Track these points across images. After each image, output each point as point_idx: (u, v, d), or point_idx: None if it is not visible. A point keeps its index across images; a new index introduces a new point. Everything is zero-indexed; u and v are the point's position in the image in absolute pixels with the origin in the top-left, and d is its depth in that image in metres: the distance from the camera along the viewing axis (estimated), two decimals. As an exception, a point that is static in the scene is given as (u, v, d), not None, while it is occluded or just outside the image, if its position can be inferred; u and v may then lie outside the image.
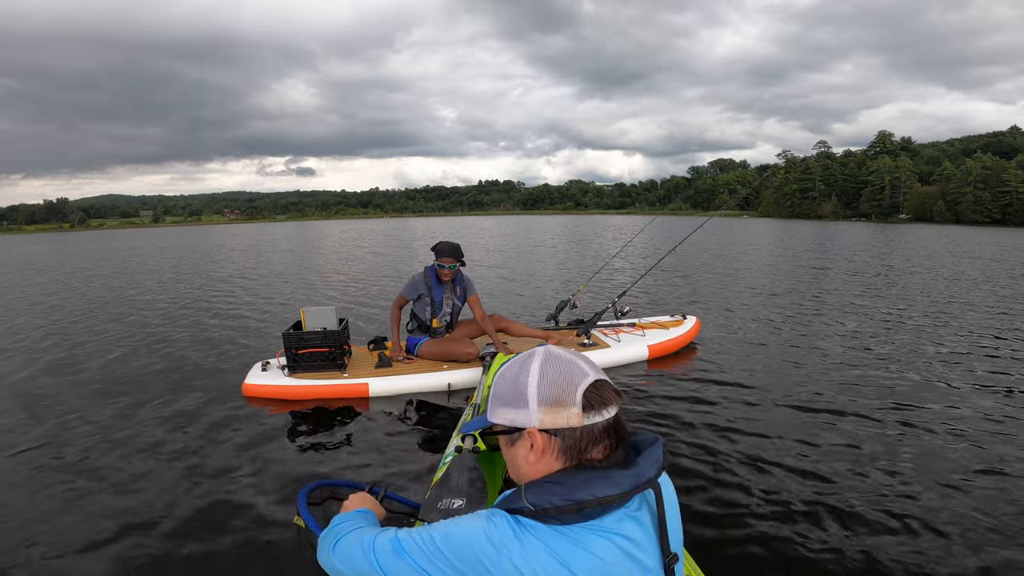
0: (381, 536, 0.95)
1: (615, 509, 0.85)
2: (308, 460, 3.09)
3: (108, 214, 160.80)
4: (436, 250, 4.38)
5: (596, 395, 0.88)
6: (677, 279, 10.76)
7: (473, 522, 0.86)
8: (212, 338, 6.25)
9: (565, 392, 0.87)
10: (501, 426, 0.94)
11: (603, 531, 0.83)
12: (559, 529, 0.82)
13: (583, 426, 0.87)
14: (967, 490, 2.65)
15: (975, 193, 59.17)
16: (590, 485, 0.82)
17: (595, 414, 0.87)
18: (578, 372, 0.89)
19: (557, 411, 0.87)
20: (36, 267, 17.91)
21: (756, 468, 2.90)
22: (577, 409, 0.86)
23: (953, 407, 3.73)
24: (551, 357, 0.92)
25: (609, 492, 0.82)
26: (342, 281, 11.66)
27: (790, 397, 3.98)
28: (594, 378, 0.89)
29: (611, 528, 0.83)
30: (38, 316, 8.17)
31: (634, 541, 0.85)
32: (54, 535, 2.40)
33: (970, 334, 5.87)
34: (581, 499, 0.81)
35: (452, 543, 0.85)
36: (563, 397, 0.87)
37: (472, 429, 1.02)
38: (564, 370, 0.89)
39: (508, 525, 0.83)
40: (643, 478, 0.85)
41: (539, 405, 0.88)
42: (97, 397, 4.23)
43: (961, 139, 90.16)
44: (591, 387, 0.88)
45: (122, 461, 3.10)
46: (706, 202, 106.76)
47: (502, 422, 0.93)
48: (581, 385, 0.87)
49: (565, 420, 0.87)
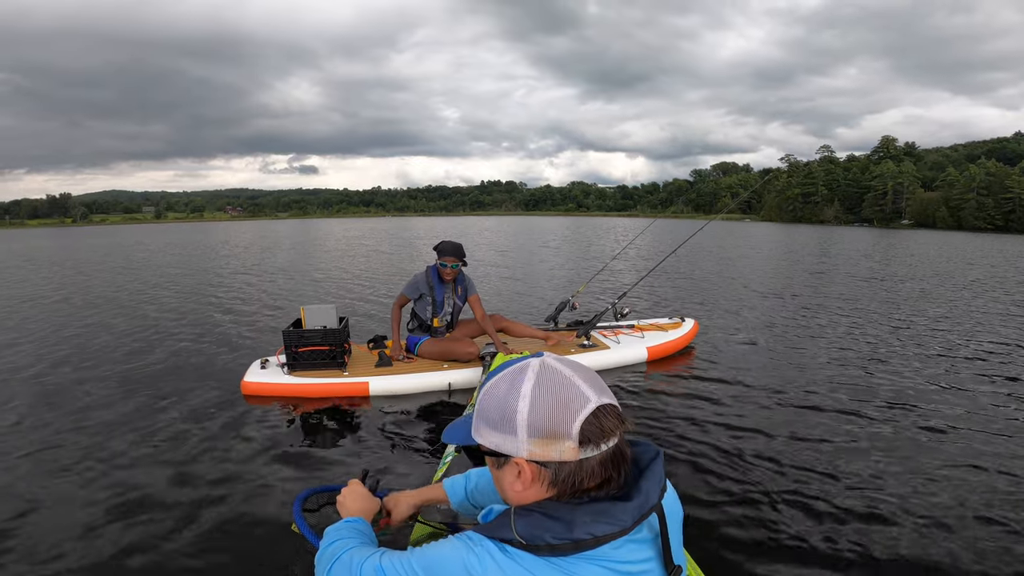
0: (367, 564, 0.90)
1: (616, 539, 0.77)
2: (307, 459, 3.08)
3: (111, 209, 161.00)
4: (438, 249, 4.39)
5: (596, 427, 0.77)
6: (679, 281, 10.76)
7: (454, 552, 0.80)
8: (212, 335, 6.25)
9: (560, 423, 0.77)
10: (486, 447, 0.85)
11: (600, 559, 0.76)
12: (551, 560, 0.76)
13: (579, 460, 0.77)
14: (972, 489, 2.65)
15: (978, 199, 59.15)
16: (587, 524, 0.75)
17: (593, 448, 0.77)
18: (577, 398, 0.78)
19: (549, 444, 0.77)
20: (37, 261, 17.94)
21: (755, 469, 2.90)
22: (573, 443, 0.76)
23: (952, 408, 3.74)
24: (547, 377, 0.80)
25: (609, 531, 0.75)
26: (342, 279, 11.66)
27: (788, 399, 3.98)
28: (595, 405, 0.78)
29: (609, 555, 0.77)
30: (41, 310, 8.18)
31: (634, 564, 0.79)
32: (47, 531, 2.39)
33: (970, 339, 5.86)
34: (578, 539, 0.74)
35: (432, 573, 0.81)
36: (557, 429, 0.77)
37: (453, 441, 0.93)
38: (560, 397, 0.78)
39: (490, 557, 0.77)
40: (646, 507, 0.78)
41: (529, 436, 0.78)
42: (94, 393, 4.22)
43: (965, 144, 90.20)
44: (591, 417, 0.77)
45: (117, 459, 3.08)
46: (708, 205, 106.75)
47: (487, 444, 0.84)
48: (580, 415, 0.77)
49: (558, 454, 0.77)
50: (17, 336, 6.36)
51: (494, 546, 0.78)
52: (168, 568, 2.15)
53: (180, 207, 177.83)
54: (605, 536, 0.75)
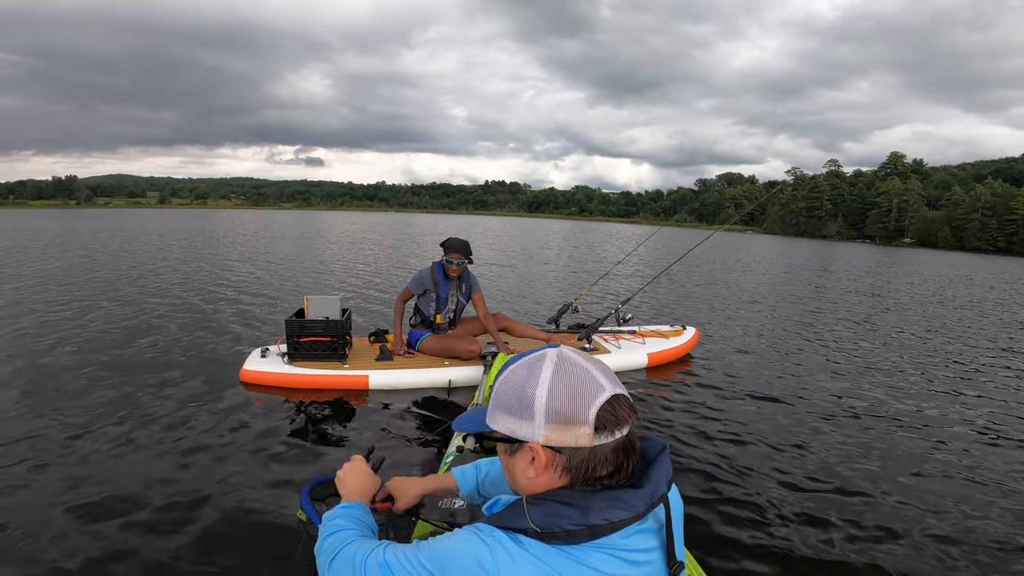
0: (371, 559, 0.89)
1: (622, 528, 0.79)
2: (304, 450, 3.07)
3: (115, 193, 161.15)
4: (446, 246, 4.39)
5: (611, 414, 0.80)
6: (681, 290, 10.77)
7: (464, 544, 0.79)
8: (213, 322, 6.24)
9: (577, 409, 0.79)
10: (500, 433, 0.86)
11: (608, 548, 0.78)
12: (563, 549, 0.77)
13: (593, 446, 0.80)
14: (967, 496, 2.65)
15: (982, 220, 59.15)
16: (602, 509, 0.77)
17: (607, 435, 0.80)
18: (594, 386, 0.80)
19: (565, 429, 0.79)
20: (43, 240, 17.92)
21: (752, 473, 2.91)
22: (589, 429, 0.79)
23: (950, 418, 3.75)
24: (565, 365, 0.83)
25: (623, 516, 0.77)
26: (345, 271, 11.66)
27: (785, 407, 4.01)
28: (611, 393, 0.80)
29: (617, 544, 0.79)
30: (45, 292, 8.17)
31: (640, 553, 0.81)
32: (45, 525, 2.37)
33: (965, 353, 5.85)
34: (594, 524, 0.76)
35: (441, 567, 0.79)
36: (574, 415, 0.79)
37: (466, 429, 0.93)
38: (578, 383, 0.80)
39: (502, 548, 0.77)
40: (656, 495, 0.81)
41: (546, 421, 0.80)
42: (94, 379, 4.19)
43: (973, 163, 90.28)
44: (607, 404, 0.79)
45: (116, 447, 3.05)
46: (712, 215, 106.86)
47: (502, 430, 0.86)
48: (596, 402, 0.79)
49: (574, 440, 0.79)
50: (15, 318, 6.35)
51: (506, 537, 0.78)
52: (164, 556, 2.13)
53: (184, 193, 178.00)
54: (620, 522, 0.77)
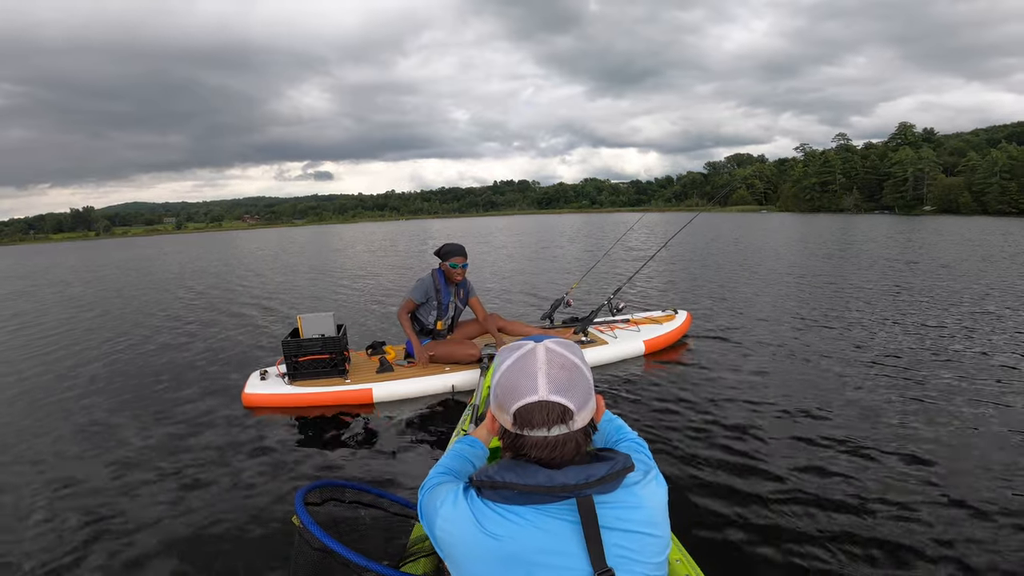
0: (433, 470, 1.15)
1: (535, 504, 0.91)
2: (314, 469, 3.09)
3: (132, 222, 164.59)
4: (444, 252, 4.38)
5: (526, 416, 0.93)
6: (677, 274, 10.72)
7: (446, 487, 1.00)
8: (216, 346, 6.30)
9: (505, 402, 0.96)
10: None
11: (522, 517, 0.90)
12: (491, 505, 0.92)
13: (516, 433, 0.95)
14: (964, 487, 2.59)
15: (1001, 183, 57.57)
16: (506, 471, 0.92)
17: (528, 429, 0.93)
18: (527, 388, 0.93)
19: (499, 412, 0.98)
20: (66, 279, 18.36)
21: (751, 463, 2.88)
22: (510, 419, 0.95)
23: (948, 405, 3.65)
24: (520, 362, 0.97)
25: (515, 481, 0.90)
26: (340, 286, 11.66)
27: (785, 390, 3.95)
28: (538, 399, 0.92)
29: (529, 518, 0.90)
30: (61, 322, 8.37)
31: (553, 534, 0.89)
32: (51, 538, 2.45)
33: (972, 329, 5.70)
34: (496, 480, 0.91)
35: (431, 491, 1.02)
36: (504, 404, 0.96)
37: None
38: (517, 381, 0.95)
39: (452, 499, 0.96)
40: (555, 482, 0.89)
41: (493, 398, 0.99)
42: (96, 406, 4.28)
43: (986, 129, 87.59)
44: (525, 407, 0.93)
45: (120, 473, 3.11)
46: (723, 197, 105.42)
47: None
48: (520, 401, 0.93)
49: (503, 422, 0.98)
50: (26, 345, 6.52)
51: (460, 492, 0.96)
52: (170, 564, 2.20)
53: (200, 217, 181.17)
54: (513, 484, 0.89)
